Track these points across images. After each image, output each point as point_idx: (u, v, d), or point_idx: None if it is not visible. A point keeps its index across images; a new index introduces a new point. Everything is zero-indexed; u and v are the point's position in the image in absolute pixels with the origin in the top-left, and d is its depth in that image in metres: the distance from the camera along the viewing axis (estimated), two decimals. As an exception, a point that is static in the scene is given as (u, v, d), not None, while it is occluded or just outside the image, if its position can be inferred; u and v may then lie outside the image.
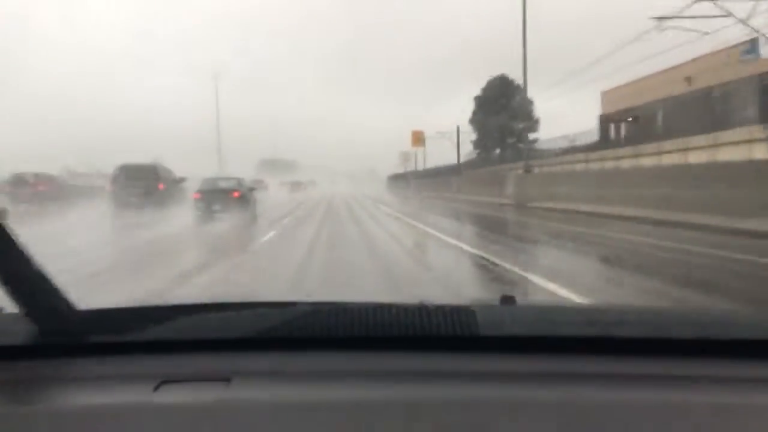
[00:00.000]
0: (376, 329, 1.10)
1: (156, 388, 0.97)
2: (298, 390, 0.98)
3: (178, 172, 23.63)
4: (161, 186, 20.68)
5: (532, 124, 47.20)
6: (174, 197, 21.06)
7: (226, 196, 18.28)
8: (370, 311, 1.11)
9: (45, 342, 1.07)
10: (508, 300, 1.25)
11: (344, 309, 1.13)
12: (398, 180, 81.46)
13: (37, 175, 25.34)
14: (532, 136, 45.76)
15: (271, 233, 13.50)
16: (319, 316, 1.12)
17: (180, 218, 17.12)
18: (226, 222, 16.12)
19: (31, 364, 1.07)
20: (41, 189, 24.01)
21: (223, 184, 19.24)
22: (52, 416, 0.93)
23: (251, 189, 20.93)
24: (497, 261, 8.45)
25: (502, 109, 51.87)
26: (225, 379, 1.00)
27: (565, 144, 37.75)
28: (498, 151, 54.90)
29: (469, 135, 55.68)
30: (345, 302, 1.17)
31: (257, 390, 0.99)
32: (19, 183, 24.57)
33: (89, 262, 8.97)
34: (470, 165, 54.00)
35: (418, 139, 63.50)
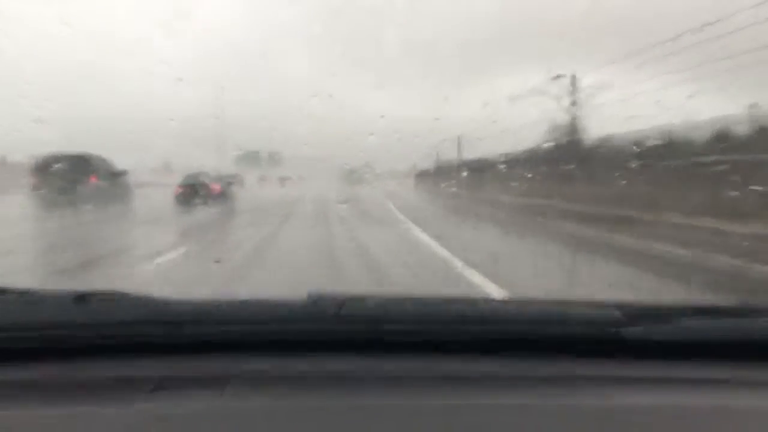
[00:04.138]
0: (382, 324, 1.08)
1: (152, 392, 0.96)
2: (296, 393, 0.97)
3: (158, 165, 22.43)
4: (93, 179, 17.68)
5: None
6: (110, 193, 18.01)
7: (206, 191, 19.69)
8: (371, 306, 1.12)
9: (42, 345, 1.06)
10: (508, 302, 1.29)
11: (342, 304, 1.10)
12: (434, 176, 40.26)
13: None
14: None
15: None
16: (318, 311, 1.10)
17: (102, 227, 13.49)
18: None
19: (28, 366, 1.05)
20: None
21: (202, 179, 20.74)
22: (48, 419, 0.91)
23: (229, 183, 22.16)
24: None
25: None
26: (222, 381, 0.98)
27: None
28: None
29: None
30: (343, 294, 1.14)
31: (255, 393, 0.97)
32: None
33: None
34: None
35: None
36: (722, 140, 15.83)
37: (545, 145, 27.25)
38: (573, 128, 25.95)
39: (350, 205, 19.60)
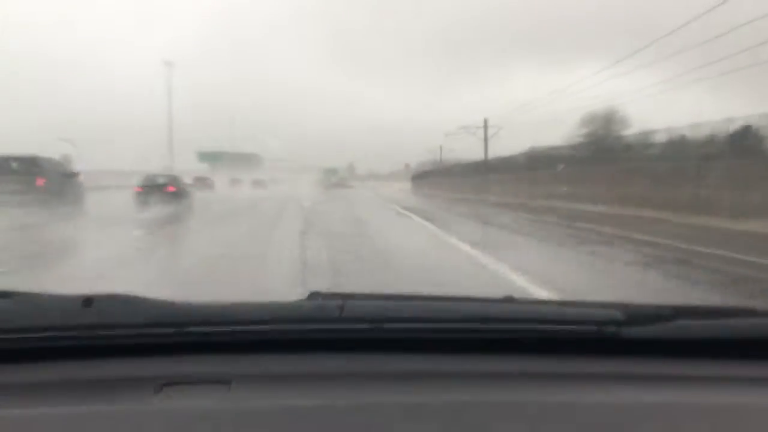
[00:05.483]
0: (376, 324, 1.09)
1: (158, 391, 0.97)
2: (300, 392, 0.98)
3: (120, 165, 22.75)
4: (41, 181, 17.14)
5: None
6: (62, 195, 17.60)
7: (163, 191, 20.77)
8: (371, 308, 1.14)
9: (44, 345, 1.07)
10: (507, 301, 1.25)
11: (344, 306, 1.12)
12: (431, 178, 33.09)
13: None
14: None
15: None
16: (320, 311, 1.13)
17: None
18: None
19: (32, 366, 1.06)
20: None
21: (160, 180, 21.89)
22: (54, 419, 0.92)
23: (188, 185, 24.46)
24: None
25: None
26: (226, 381, 0.99)
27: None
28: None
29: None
30: (346, 294, 1.18)
31: (258, 392, 0.98)
32: None
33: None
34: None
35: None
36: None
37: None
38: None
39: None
